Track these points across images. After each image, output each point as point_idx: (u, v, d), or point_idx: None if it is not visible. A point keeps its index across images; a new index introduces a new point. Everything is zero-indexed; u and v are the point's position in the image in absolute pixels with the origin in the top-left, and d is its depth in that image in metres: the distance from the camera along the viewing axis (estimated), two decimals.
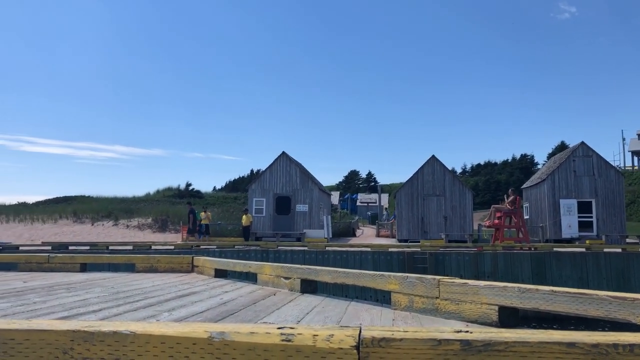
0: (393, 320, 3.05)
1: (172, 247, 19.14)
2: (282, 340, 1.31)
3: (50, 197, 45.35)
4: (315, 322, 2.91)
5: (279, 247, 17.76)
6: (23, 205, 39.92)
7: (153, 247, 19.29)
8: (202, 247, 18.94)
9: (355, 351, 1.29)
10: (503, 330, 1.40)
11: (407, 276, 3.36)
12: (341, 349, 1.30)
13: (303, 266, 4.51)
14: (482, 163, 78.08)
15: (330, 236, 27.06)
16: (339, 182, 78.71)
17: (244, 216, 24.65)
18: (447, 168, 27.59)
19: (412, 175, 27.19)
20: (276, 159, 27.67)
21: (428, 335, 1.31)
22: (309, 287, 4.38)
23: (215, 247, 18.94)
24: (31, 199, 46.97)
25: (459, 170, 76.70)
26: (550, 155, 55.29)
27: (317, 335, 1.32)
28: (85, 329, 1.31)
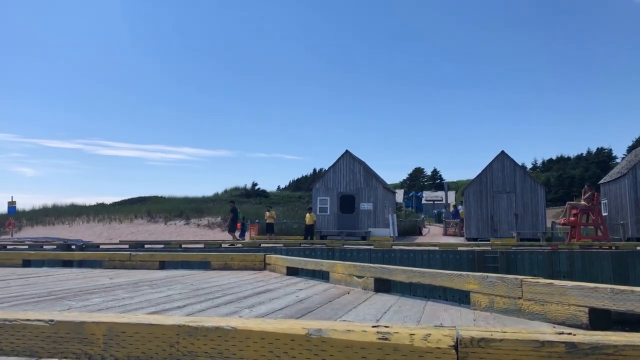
0: (474, 320, 2.99)
1: (241, 245, 19.64)
2: (379, 338, 1.31)
3: (126, 197, 47.77)
4: (394, 321, 2.89)
5: (344, 246, 17.80)
6: (101, 206, 42.24)
7: (223, 245, 19.87)
8: (269, 245, 19.30)
9: (453, 351, 1.28)
10: (609, 333, 1.33)
11: (487, 276, 3.28)
12: (439, 348, 1.29)
13: (376, 265, 4.50)
14: (554, 158, 74.78)
15: (396, 235, 26.81)
16: (403, 179, 77.86)
17: (307, 215, 24.93)
18: (517, 164, 26.61)
19: (480, 171, 26.44)
20: (339, 158, 27.73)
21: (530, 336, 1.28)
22: (383, 286, 4.36)
23: (281, 245, 19.26)
24: (109, 199, 49.67)
25: (529, 166, 73.84)
26: (630, 149, 52.04)
27: (414, 335, 1.31)
28: (189, 324, 1.37)
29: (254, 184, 51.49)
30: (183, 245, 20.43)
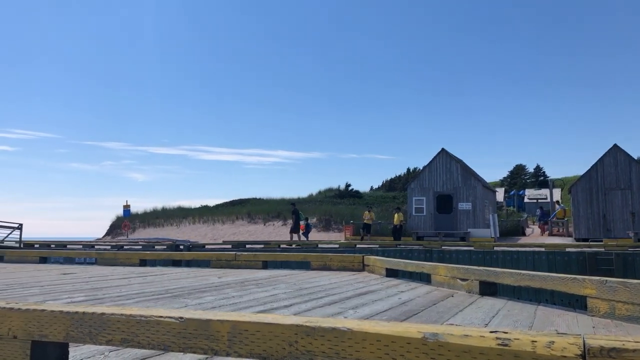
0: (593, 327, 2.80)
1: (337, 246, 19.85)
2: (498, 344, 1.28)
3: (227, 199, 49.96)
4: (504, 326, 2.79)
5: (442, 247, 17.39)
6: (205, 208, 44.50)
7: (319, 246, 20.21)
8: (364, 246, 19.32)
9: None
10: None
11: (607, 280, 3.06)
12: (564, 357, 1.23)
13: (481, 267, 4.36)
14: None
15: (498, 235, 25.70)
16: (504, 177, 74.45)
17: (395, 215, 24.74)
18: (632, 158, 24.44)
19: (589, 167, 24.63)
20: (435, 156, 27.11)
21: None
22: (489, 289, 4.22)
23: (377, 246, 19.22)
24: (212, 202, 52.38)
25: None
26: None
27: (536, 341, 1.26)
28: (307, 324, 1.42)
29: (347, 185, 51.75)
30: (281, 245, 21.06)
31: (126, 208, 35.01)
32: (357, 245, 19.34)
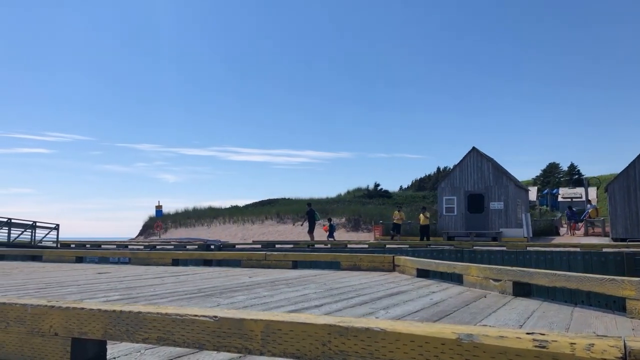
0: (633, 330, 2.72)
1: (366, 246, 19.78)
2: (535, 346, 1.25)
3: (257, 200, 50.35)
4: (539, 328, 2.73)
5: (474, 247, 17.14)
6: (235, 208, 44.97)
7: (349, 246, 20.18)
8: (394, 246, 19.20)
9: None
10: None
11: None
12: (604, 359, 1.20)
13: (514, 268, 4.28)
14: None
15: (531, 235, 25.20)
16: (536, 176, 72.93)
17: (421, 215, 24.60)
18: None
19: (627, 165, 23.91)
20: (466, 155, 26.74)
21: None
22: (522, 290, 4.14)
23: (407, 246, 19.07)
24: (241, 202, 52.85)
25: None
26: None
27: (574, 344, 1.23)
28: (340, 324, 1.42)
29: (376, 185, 51.52)
30: (310, 246, 21.11)
31: (158, 208, 35.65)
32: (387, 246, 19.24)
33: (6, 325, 1.91)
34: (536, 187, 47.97)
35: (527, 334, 1.30)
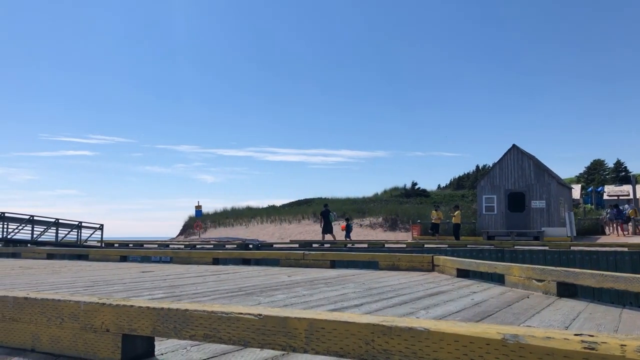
0: None
1: (404, 246, 19.64)
2: (584, 347, 1.23)
3: (293, 199, 50.65)
4: (586, 330, 2.67)
5: (515, 247, 16.78)
6: (273, 208, 45.35)
7: (386, 245, 20.09)
8: (433, 246, 18.99)
9: None
10: None
11: None
12: None
13: (559, 268, 4.18)
14: None
15: (574, 234, 24.49)
16: (580, 173, 70.78)
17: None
18: None
19: None
20: (506, 153, 26.19)
21: None
22: (567, 290, 4.04)
23: (446, 246, 18.83)
24: (278, 202, 53.21)
25: None
26: None
27: (625, 345, 1.21)
28: (383, 324, 1.43)
29: (414, 184, 51.01)
30: (347, 245, 21.12)
31: (198, 209, 36.31)
32: (425, 245, 19.05)
33: (61, 321, 2.00)
34: (580, 185, 46.56)
35: (575, 335, 1.28)
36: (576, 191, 37.56)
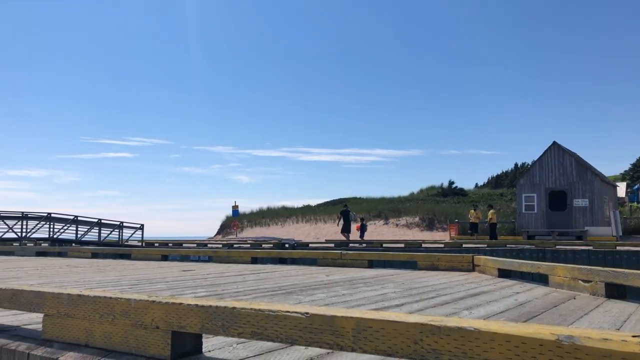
0: None
1: (442, 245, 19.40)
2: None
3: (328, 199, 50.70)
4: (638, 331, 2.58)
5: (556, 246, 16.35)
6: (308, 207, 45.52)
7: (423, 245, 19.88)
8: (471, 246, 18.69)
9: None
10: None
11: None
12: None
13: (606, 268, 4.05)
14: None
15: (620, 234, 23.66)
16: (625, 170, 68.36)
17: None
18: None
19: None
20: (546, 150, 25.55)
21: None
22: (616, 292, 3.91)
23: (485, 246, 18.51)
24: (313, 201, 53.37)
25: None
26: None
27: None
28: (432, 323, 1.42)
29: (451, 182, 50.27)
30: (384, 245, 21.00)
31: (235, 208, 36.79)
32: (464, 245, 18.77)
33: (113, 318, 2.07)
34: (625, 183, 44.99)
35: (634, 336, 1.24)
36: (621, 189, 36.31)
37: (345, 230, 25.72)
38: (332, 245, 22.08)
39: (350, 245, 21.77)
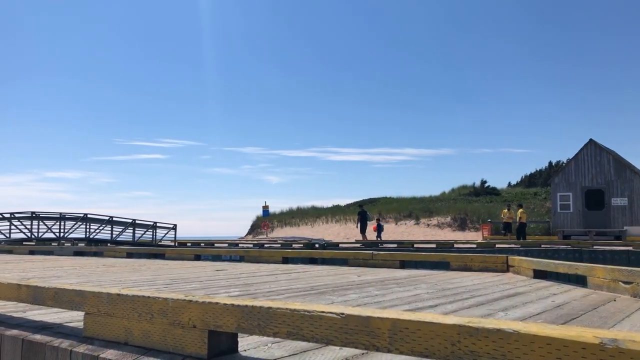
0: None
1: (474, 246, 19.13)
2: None
3: (357, 199, 50.50)
4: None
5: (594, 247, 15.93)
6: (337, 207, 45.50)
7: (455, 246, 19.63)
8: (504, 246, 18.36)
9: None
10: None
11: None
12: None
13: None
14: None
15: None
16: None
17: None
18: None
19: None
20: (582, 148, 24.91)
21: None
22: None
23: (519, 246, 18.17)
24: (342, 201, 53.21)
25: None
26: None
27: None
28: (469, 325, 1.40)
29: (483, 182, 49.46)
30: (415, 245, 20.82)
31: (265, 209, 37.07)
32: (497, 245, 18.47)
33: (151, 317, 2.11)
34: None
35: None
36: None
37: (363, 231, 25.89)
38: (362, 245, 22.03)
39: (381, 245, 21.67)
